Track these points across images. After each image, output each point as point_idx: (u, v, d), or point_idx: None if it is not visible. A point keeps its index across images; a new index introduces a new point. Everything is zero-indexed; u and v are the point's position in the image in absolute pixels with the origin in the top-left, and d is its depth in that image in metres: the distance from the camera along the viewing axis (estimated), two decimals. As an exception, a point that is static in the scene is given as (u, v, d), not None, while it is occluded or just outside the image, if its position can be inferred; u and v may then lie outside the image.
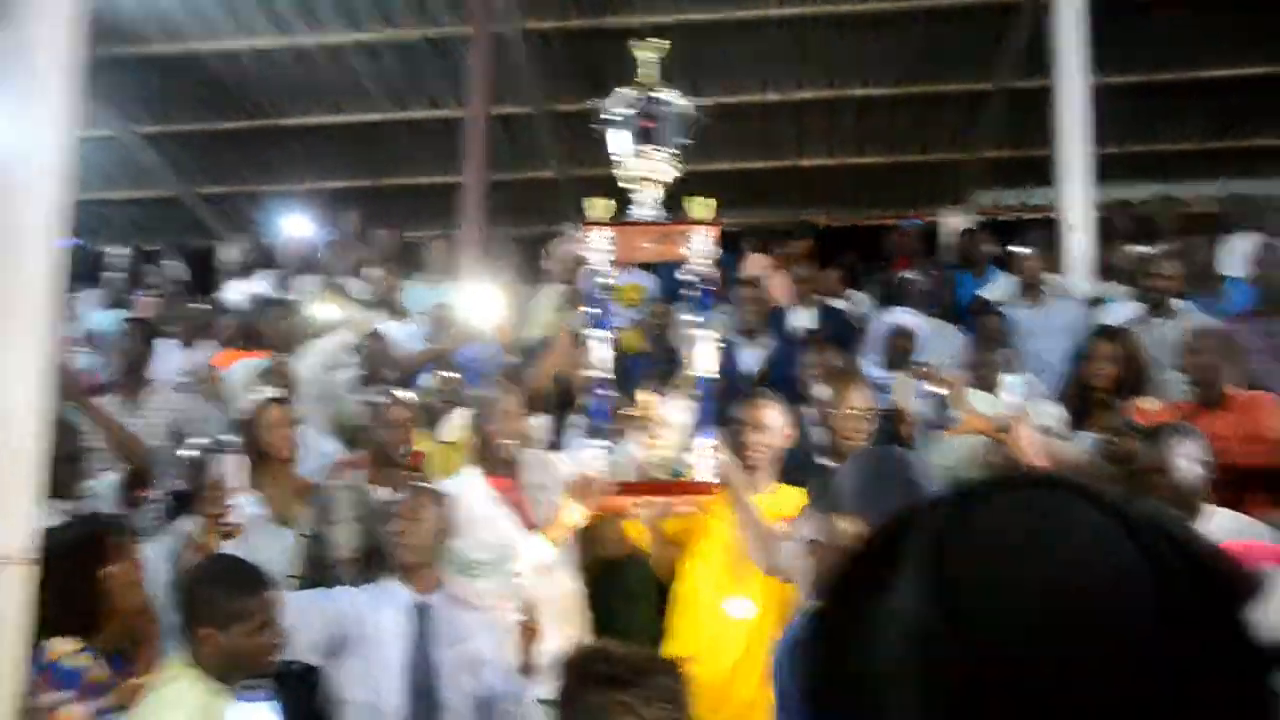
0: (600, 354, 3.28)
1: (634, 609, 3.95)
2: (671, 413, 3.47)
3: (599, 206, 3.30)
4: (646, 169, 3.29)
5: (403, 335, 6.53)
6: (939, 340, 6.02)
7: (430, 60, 8.97)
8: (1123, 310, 5.87)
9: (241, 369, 5.41)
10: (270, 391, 4.45)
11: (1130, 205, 8.32)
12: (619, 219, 3.25)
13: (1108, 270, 6.87)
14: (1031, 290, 6.30)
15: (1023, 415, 3.87)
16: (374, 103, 9.40)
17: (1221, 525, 3.51)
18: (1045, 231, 7.44)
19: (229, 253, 8.81)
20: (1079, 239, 6.84)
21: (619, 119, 3.26)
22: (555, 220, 10.40)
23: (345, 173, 10.07)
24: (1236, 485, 4.01)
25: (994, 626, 0.78)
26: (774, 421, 3.78)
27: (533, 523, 3.71)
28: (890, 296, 6.44)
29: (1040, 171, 9.08)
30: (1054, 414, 4.59)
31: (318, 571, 3.76)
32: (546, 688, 3.44)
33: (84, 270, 8.32)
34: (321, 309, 5.72)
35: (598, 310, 3.34)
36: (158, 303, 7.17)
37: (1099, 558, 0.80)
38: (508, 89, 8.84)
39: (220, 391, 5.41)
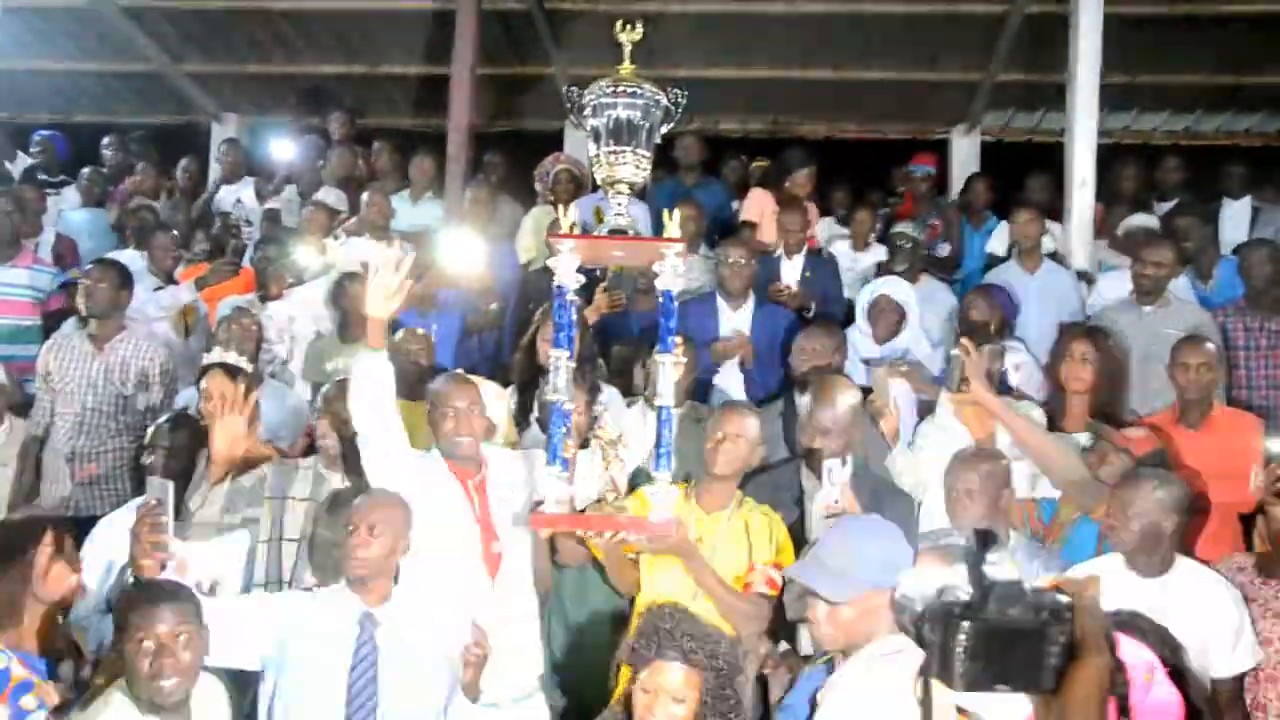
0: (560, 376, 3.13)
1: (590, 616, 3.93)
2: (634, 425, 3.41)
3: (565, 218, 3.16)
4: (618, 171, 3.10)
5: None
6: (931, 304, 5.89)
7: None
8: (1116, 286, 5.74)
9: (224, 308, 5.33)
10: (221, 355, 4.37)
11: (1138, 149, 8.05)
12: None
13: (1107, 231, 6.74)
14: (1026, 255, 6.14)
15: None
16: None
17: (1185, 579, 3.48)
18: (1052, 160, 7.31)
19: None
20: (1084, 193, 6.66)
21: (592, 113, 3.07)
22: (550, 118, 10.17)
23: (337, 59, 9.72)
24: (1203, 514, 3.98)
25: None
26: (749, 434, 3.71)
27: (491, 524, 3.66)
28: (889, 251, 6.27)
29: (1050, 97, 8.86)
30: (1036, 418, 4.49)
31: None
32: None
33: (64, 161, 8.16)
34: (305, 253, 5.58)
35: (560, 326, 3.18)
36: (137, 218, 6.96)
37: None
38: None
39: (198, 329, 5.35)
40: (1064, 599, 1.24)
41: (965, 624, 1.21)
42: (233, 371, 4.36)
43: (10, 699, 2.72)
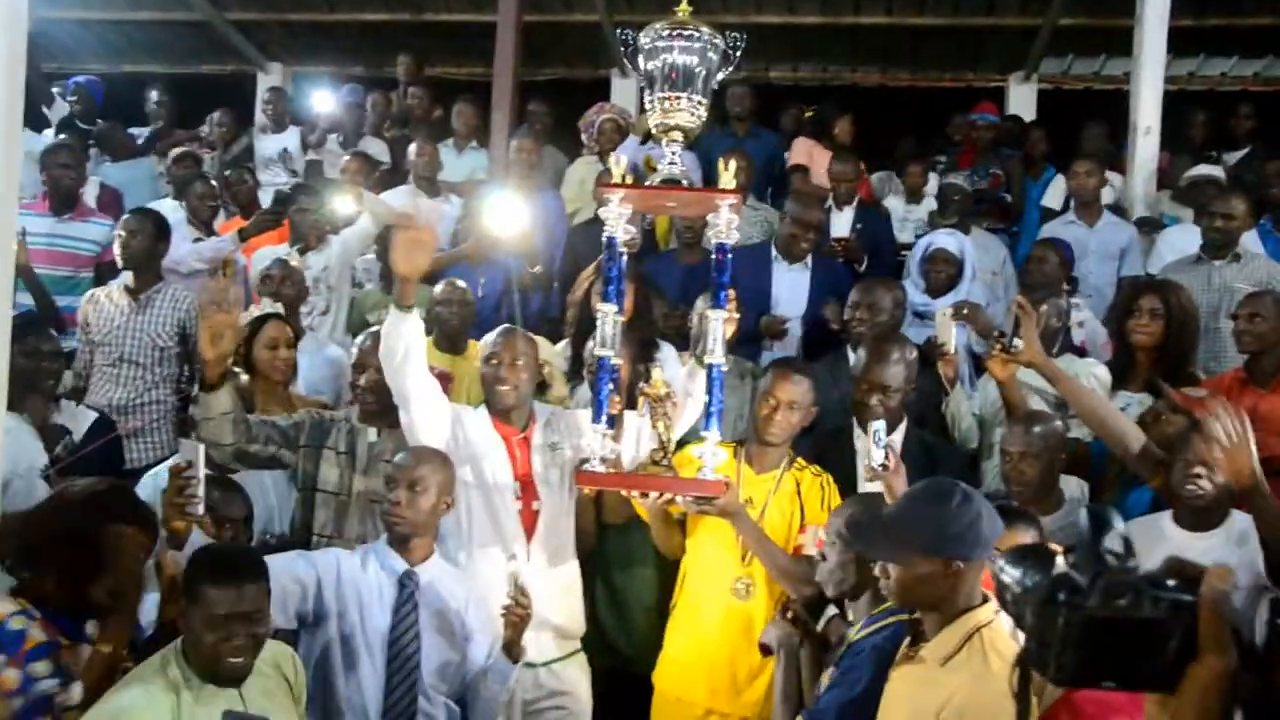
0: (608, 331, 3.03)
1: (634, 576, 3.85)
2: (687, 384, 3.30)
3: (616, 167, 3.05)
4: (673, 118, 2.98)
5: (435, 214, 6.30)
6: (984, 255, 5.71)
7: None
8: (1181, 238, 5.52)
9: (260, 260, 5.26)
10: (268, 305, 4.31)
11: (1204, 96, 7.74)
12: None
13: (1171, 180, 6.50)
14: (1086, 208, 5.93)
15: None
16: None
17: (1240, 529, 3.39)
18: (1112, 108, 7.06)
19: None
20: (1148, 142, 6.42)
21: (647, 58, 2.95)
22: (598, 66, 10.00)
23: (381, 6, 9.59)
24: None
25: None
26: (803, 400, 3.59)
27: (533, 481, 3.57)
28: (940, 203, 6.10)
29: (1113, 42, 8.56)
30: (1100, 376, 4.34)
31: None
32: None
33: (102, 108, 8.08)
34: (342, 202, 5.49)
35: (609, 279, 3.08)
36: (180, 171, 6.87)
37: None
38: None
39: (235, 281, 5.28)
40: (1185, 592, 1.09)
41: (1069, 611, 1.08)
42: (287, 322, 4.33)
43: (23, 663, 2.66)
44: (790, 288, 5.16)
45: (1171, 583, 1.09)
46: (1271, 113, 7.70)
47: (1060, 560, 1.13)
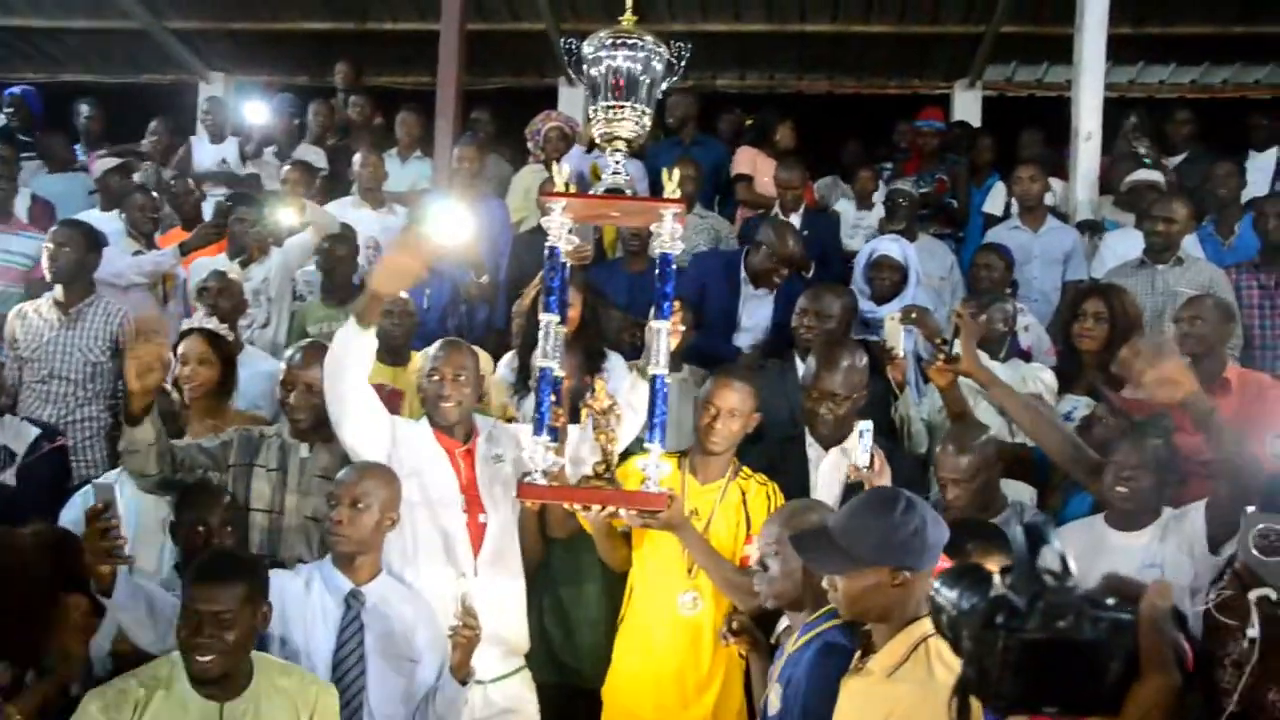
0: (550, 341, 2.97)
1: (581, 590, 3.79)
2: (629, 395, 3.24)
3: (559, 175, 2.99)
4: (617, 128, 2.93)
5: (378, 227, 6.22)
6: (930, 261, 5.72)
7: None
8: (1124, 243, 5.57)
9: (198, 271, 5.15)
10: (202, 320, 4.21)
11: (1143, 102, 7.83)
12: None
13: (1112, 186, 6.55)
14: (1028, 213, 5.96)
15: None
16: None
17: (1171, 522, 3.42)
18: (1055, 115, 7.12)
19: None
20: (1089, 147, 6.48)
21: (591, 67, 2.90)
22: (545, 74, 9.94)
23: (324, 15, 9.47)
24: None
25: None
26: (744, 408, 3.54)
27: (478, 494, 3.49)
28: (887, 209, 6.10)
29: (1054, 50, 8.63)
30: (1046, 380, 4.35)
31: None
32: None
33: (38, 118, 7.90)
34: (284, 213, 5.39)
35: (551, 289, 3.01)
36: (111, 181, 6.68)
37: None
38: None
39: (176, 294, 5.17)
40: (1125, 611, 1.05)
41: (1007, 635, 1.04)
42: (213, 337, 4.19)
43: None
44: (754, 311, 5.12)
45: (1111, 601, 1.06)
46: (1208, 118, 7.80)
47: (997, 581, 1.09)
